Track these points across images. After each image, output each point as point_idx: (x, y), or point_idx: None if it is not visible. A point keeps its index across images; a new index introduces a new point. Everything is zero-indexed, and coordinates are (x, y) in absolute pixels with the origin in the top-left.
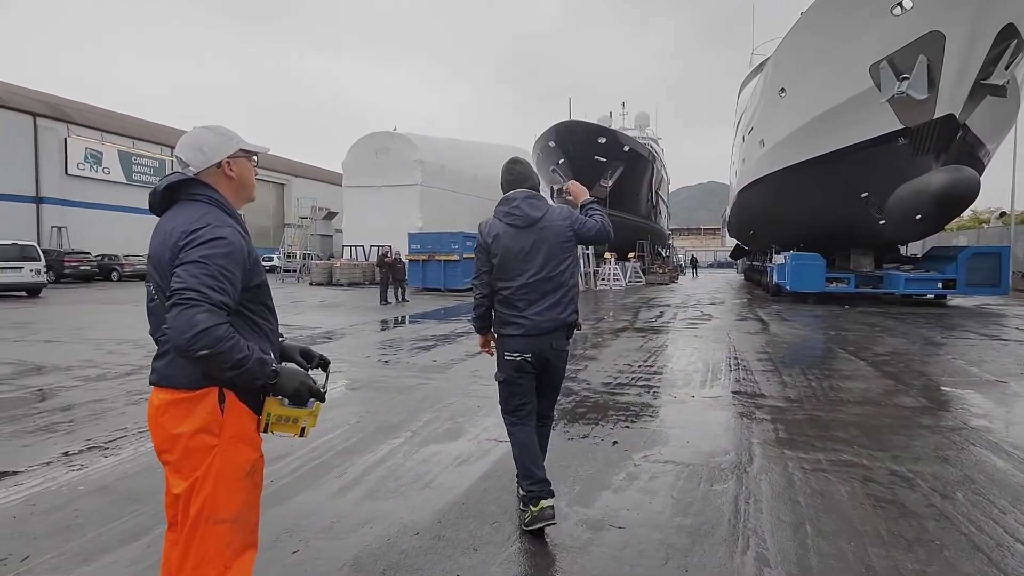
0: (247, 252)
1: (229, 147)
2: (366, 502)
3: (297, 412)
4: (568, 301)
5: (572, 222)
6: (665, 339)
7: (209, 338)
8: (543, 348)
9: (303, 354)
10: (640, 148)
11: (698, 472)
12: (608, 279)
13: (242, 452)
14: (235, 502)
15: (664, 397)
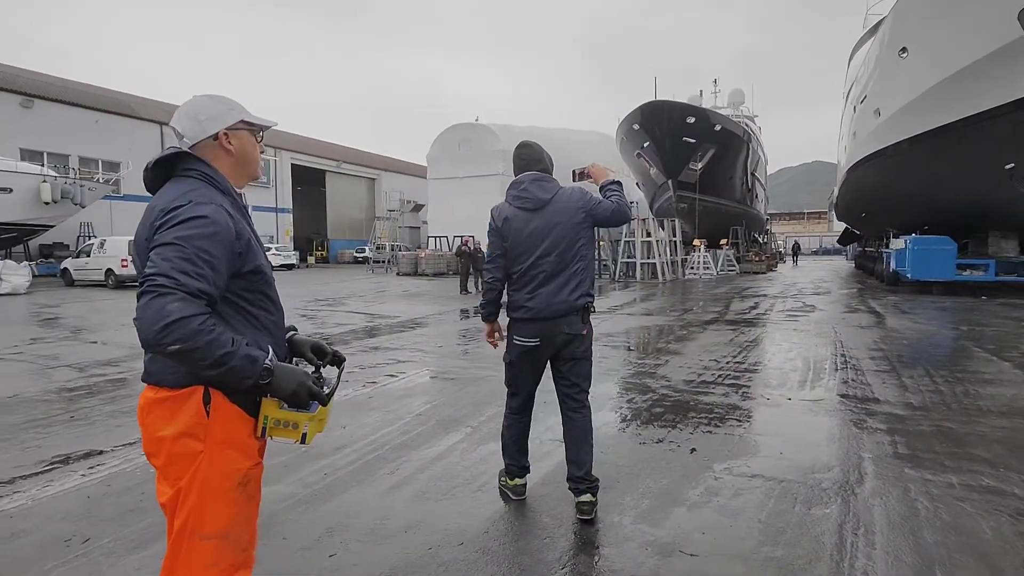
0: (236, 234)
1: (229, 117)
2: (415, 503)
3: (297, 416)
4: (579, 284)
5: (585, 203)
6: (759, 332)
7: (182, 331)
8: (553, 333)
9: (315, 350)
10: (734, 127)
11: (793, 491)
12: (697, 268)
13: (231, 460)
14: (223, 516)
15: (755, 398)
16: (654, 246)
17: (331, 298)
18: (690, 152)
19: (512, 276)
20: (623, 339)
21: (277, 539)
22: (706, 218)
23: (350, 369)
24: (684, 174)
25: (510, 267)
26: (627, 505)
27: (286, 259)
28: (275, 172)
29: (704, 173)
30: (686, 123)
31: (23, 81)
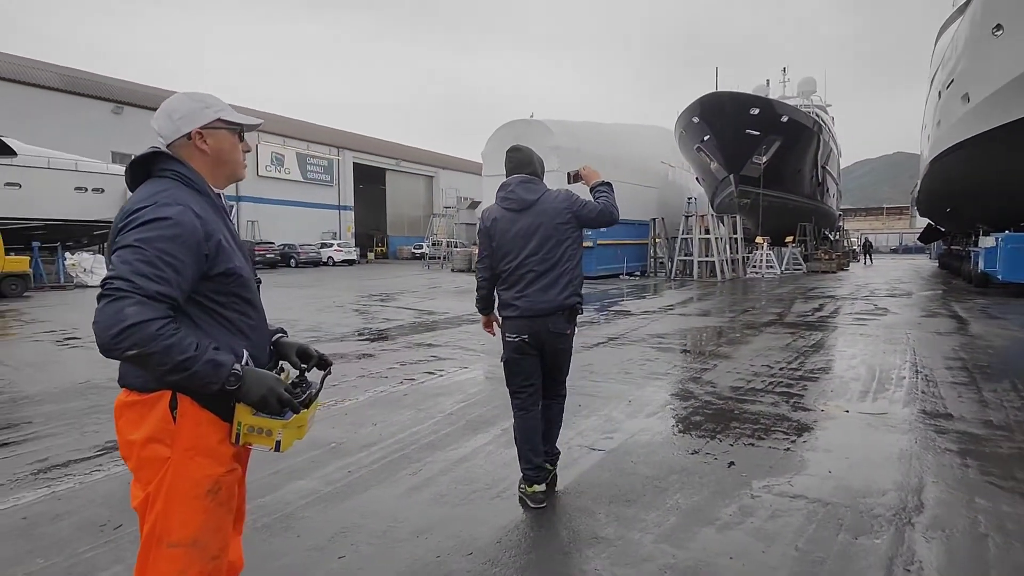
0: (205, 235)
1: (203, 116)
2: (431, 507)
3: (270, 423)
4: (566, 284)
5: (570, 204)
6: (820, 337)
7: (138, 335)
8: (540, 330)
9: (300, 353)
10: (802, 118)
11: (839, 515)
12: (760, 266)
13: (200, 466)
14: (191, 523)
15: (808, 409)
16: (713, 243)
17: (384, 293)
18: (754, 145)
19: (501, 275)
20: (672, 340)
21: (291, 536)
22: (771, 214)
23: (390, 366)
24: (747, 168)
25: (497, 266)
26: (650, 522)
27: (347, 255)
28: (338, 171)
29: (769, 167)
30: (750, 115)
31: (114, 89)
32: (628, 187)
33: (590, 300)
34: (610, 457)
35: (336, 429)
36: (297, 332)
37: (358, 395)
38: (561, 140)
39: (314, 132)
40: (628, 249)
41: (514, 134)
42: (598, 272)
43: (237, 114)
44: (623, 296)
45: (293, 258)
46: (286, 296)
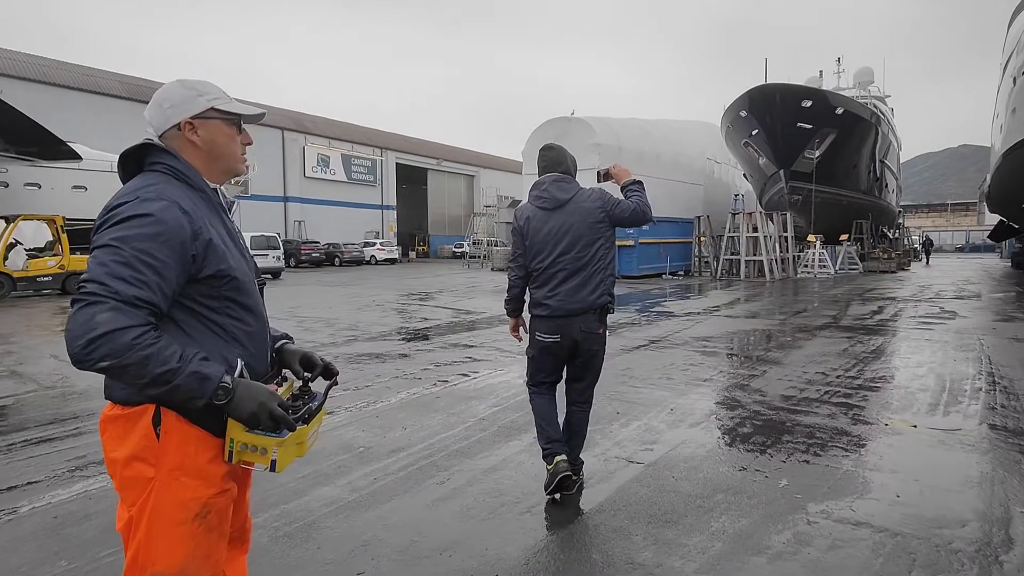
0: (193, 234)
1: (195, 105)
2: (456, 520)
3: (265, 441)
4: (598, 283)
5: (603, 203)
6: (881, 342)
7: (111, 345)
8: (571, 330)
9: (303, 362)
10: (859, 110)
11: (910, 549)
12: (812, 266)
13: (187, 489)
14: (176, 552)
15: (869, 423)
16: (761, 242)
17: (424, 292)
18: (806, 139)
19: (533, 274)
20: (717, 344)
21: (311, 548)
22: (824, 211)
23: (425, 367)
24: (798, 163)
25: (530, 265)
26: (693, 547)
27: (389, 254)
28: (381, 171)
29: (823, 161)
30: (801, 107)
31: None
32: (671, 184)
33: (631, 300)
34: (649, 471)
35: (365, 432)
36: (336, 331)
37: (390, 397)
38: (602, 137)
39: (358, 133)
40: (671, 248)
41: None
42: (640, 271)
43: (236, 103)
44: (666, 296)
45: (337, 257)
46: (329, 294)
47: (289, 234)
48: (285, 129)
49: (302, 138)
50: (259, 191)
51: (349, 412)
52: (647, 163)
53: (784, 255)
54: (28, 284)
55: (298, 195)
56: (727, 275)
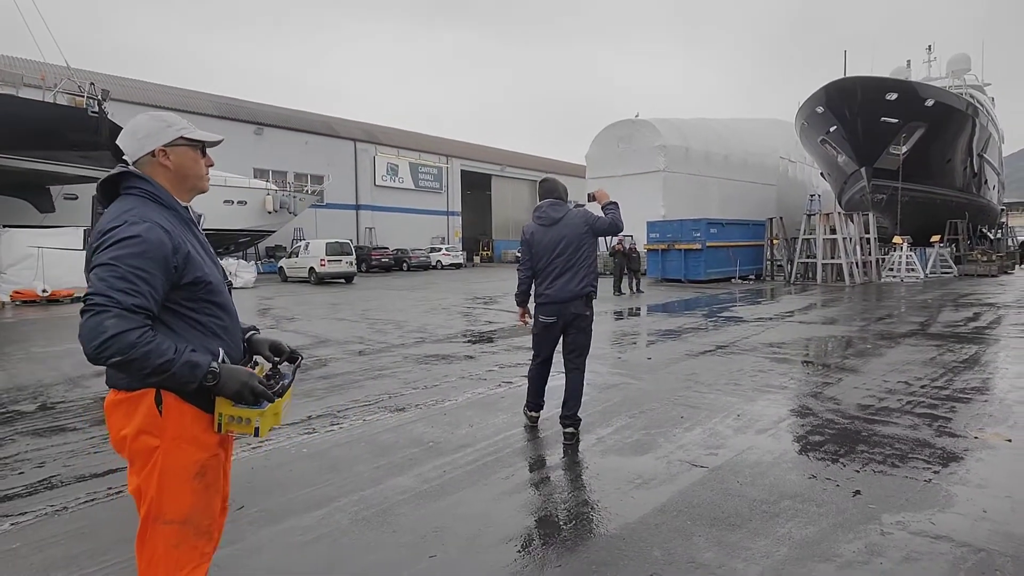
0: (173, 248)
1: (166, 135)
2: (518, 514)
3: (248, 412)
4: (583, 277)
5: (587, 220)
6: (975, 351)
7: (119, 344)
8: (565, 312)
9: (272, 348)
10: (953, 101)
11: (996, 565)
12: (898, 269)
13: (187, 453)
14: (182, 504)
15: (957, 435)
16: (840, 244)
17: (488, 296)
18: (890, 134)
19: (537, 273)
20: (789, 350)
21: (387, 531)
22: (913, 210)
23: (489, 368)
24: (882, 160)
25: (535, 266)
26: (756, 551)
27: (454, 259)
28: (447, 178)
29: (911, 157)
30: (886, 100)
31: (256, 112)
32: (740, 185)
33: (698, 305)
34: (713, 475)
35: (434, 428)
36: (405, 333)
37: (457, 396)
38: (668, 139)
39: (425, 142)
40: (741, 251)
41: (619, 135)
42: (708, 275)
43: (198, 131)
44: (735, 301)
45: (405, 262)
46: (398, 299)
47: (360, 240)
48: (357, 140)
49: (372, 148)
50: (332, 199)
51: (419, 409)
52: (714, 164)
53: (866, 258)
54: None
55: (369, 203)
56: (802, 279)
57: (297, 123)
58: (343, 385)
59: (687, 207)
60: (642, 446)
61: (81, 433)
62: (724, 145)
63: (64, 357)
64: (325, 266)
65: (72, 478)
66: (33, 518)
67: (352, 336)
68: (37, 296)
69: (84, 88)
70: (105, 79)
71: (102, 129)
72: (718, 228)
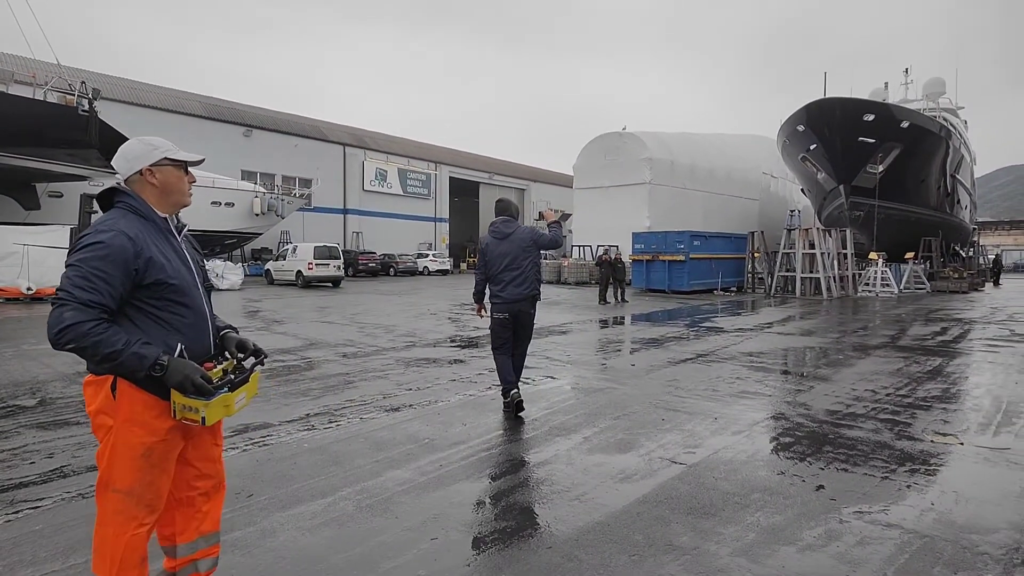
0: (135, 254)
1: (152, 156)
2: (513, 503)
3: (196, 402)
4: (530, 282)
5: (532, 235)
6: (939, 363)
7: (73, 333)
8: (515, 310)
9: (238, 346)
10: (927, 123)
11: (937, 548)
12: (874, 284)
13: (135, 435)
14: (128, 477)
15: (914, 439)
16: (819, 258)
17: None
18: (867, 153)
19: (491, 278)
20: (766, 359)
21: (390, 517)
22: (889, 227)
23: (479, 371)
24: (860, 178)
25: (488, 272)
26: (727, 536)
27: (441, 265)
28: (435, 185)
29: (888, 177)
30: (863, 121)
31: (245, 114)
32: (724, 199)
33: (680, 315)
34: (691, 471)
35: (429, 427)
36: (395, 336)
37: (449, 397)
38: (654, 152)
39: (414, 148)
40: (723, 263)
41: (606, 147)
42: (691, 287)
43: (182, 152)
44: (716, 312)
45: (392, 267)
46: (386, 303)
47: (347, 245)
48: (346, 145)
49: (361, 153)
50: (320, 203)
51: (413, 409)
52: (699, 178)
53: (843, 273)
54: None
55: (357, 207)
56: (782, 292)
57: (286, 126)
58: (337, 386)
59: (672, 219)
60: (625, 445)
61: (85, 427)
62: (708, 159)
63: (57, 355)
64: (313, 270)
65: (84, 468)
66: (52, 503)
67: (343, 339)
68: (22, 294)
69: (75, 86)
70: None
71: (92, 128)
72: (701, 240)
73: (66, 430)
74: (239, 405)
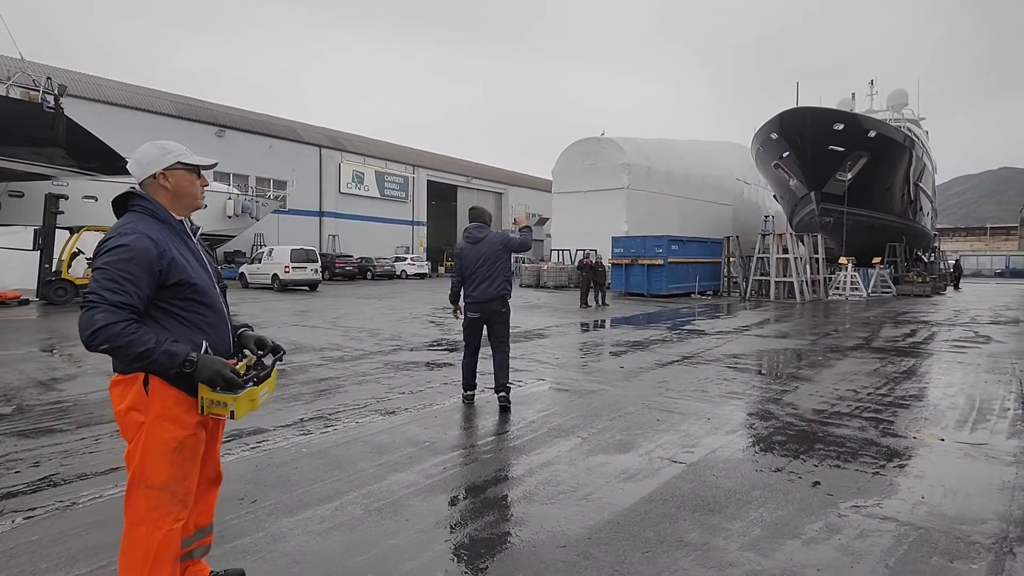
0: (158, 255)
1: (165, 160)
2: (522, 503)
3: (225, 397)
4: (500, 283)
5: (503, 239)
6: (912, 363)
7: (106, 334)
8: (486, 310)
9: (257, 343)
10: (892, 133)
11: (932, 540)
12: (844, 288)
13: (167, 429)
14: (161, 473)
15: (898, 436)
16: (792, 263)
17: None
18: (837, 162)
19: (465, 280)
20: (748, 361)
21: (401, 520)
22: (857, 233)
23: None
24: (830, 185)
25: (463, 274)
26: (734, 531)
27: (419, 268)
28: (412, 188)
29: (856, 184)
30: (833, 130)
31: (218, 114)
32: (700, 204)
33: (661, 318)
34: (691, 470)
35: (428, 430)
36: (381, 340)
37: (444, 400)
38: (632, 158)
39: (391, 151)
40: (700, 267)
41: (585, 152)
42: (669, 290)
43: (195, 157)
44: (695, 316)
45: (369, 271)
46: (367, 307)
47: (323, 248)
48: (322, 147)
49: (338, 155)
50: (296, 205)
51: (409, 412)
52: (676, 184)
53: (815, 277)
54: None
55: (333, 210)
56: (756, 296)
57: (260, 127)
58: (328, 390)
59: (649, 224)
60: (625, 445)
61: (69, 434)
62: (684, 165)
63: (27, 360)
64: (289, 273)
65: (74, 476)
66: (45, 513)
67: (327, 343)
68: None
69: (40, 82)
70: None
71: (59, 125)
72: (679, 245)
73: (49, 438)
74: (263, 399)
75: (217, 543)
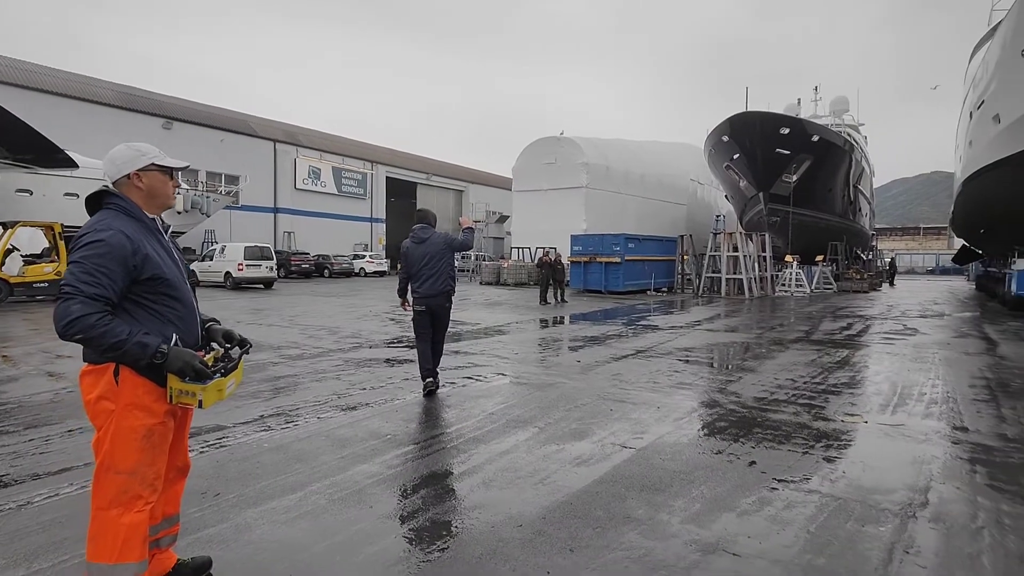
0: (132, 251)
1: (139, 161)
2: (481, 489)
3: (193, 387)
4: (444, 280)
5: (446, 239)
6: (846, 354)
7: (81, 325)
8: (432, 304)
9: (225, 336)
10: (834, 137)
11: (849, 508)
12: (789, 285)
13: (136, 417)
14: (130, 459)
15: (828, 419)
16: (741, 261)
17: None
18: (784, 164)
19: (412, 277)
20: (698, 354)
21: (365, 507)
22: (801, 233)
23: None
24: (777, 186)
25: (409, 271)
26: (677, 507)
27: (378, 266)
28: (371, 184)
29: (800, 186)
30: (780, 134)
31: (165, 105)
32: (656, 204)
33: (618, 314)
34: (640, 454)
35: (389, 423)
36: (341, 338)
37: (405, 395)
38: (590, 157)
39: (349, 147)
40: (656, 265)
41: (544, 150)
42: (626, 287)
43: (168, 159)
44: (650, 311)
45: (327, 268)
46: (325, 305)
47: (278, 245)
48: (277, 141)
49: (293, 150)
50: (249, 201)
51: (370, 408)
52: (633, 183)
53: (763, 274)
54: (24, 290)
55: (288, 206)
56: (709, 292)
57: (211, 119)
58: (288, 387)
59: (607, 222)
60: (579, 433)
61: (17, 436)
62: (641, 165)
63: None
64: (243, 271)
65: (26, 476)
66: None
67: (286, 341)
68: None
69: None
70: None
71: None
72: (636, 243)
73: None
74: (230, 390)
75: (182, 534)
